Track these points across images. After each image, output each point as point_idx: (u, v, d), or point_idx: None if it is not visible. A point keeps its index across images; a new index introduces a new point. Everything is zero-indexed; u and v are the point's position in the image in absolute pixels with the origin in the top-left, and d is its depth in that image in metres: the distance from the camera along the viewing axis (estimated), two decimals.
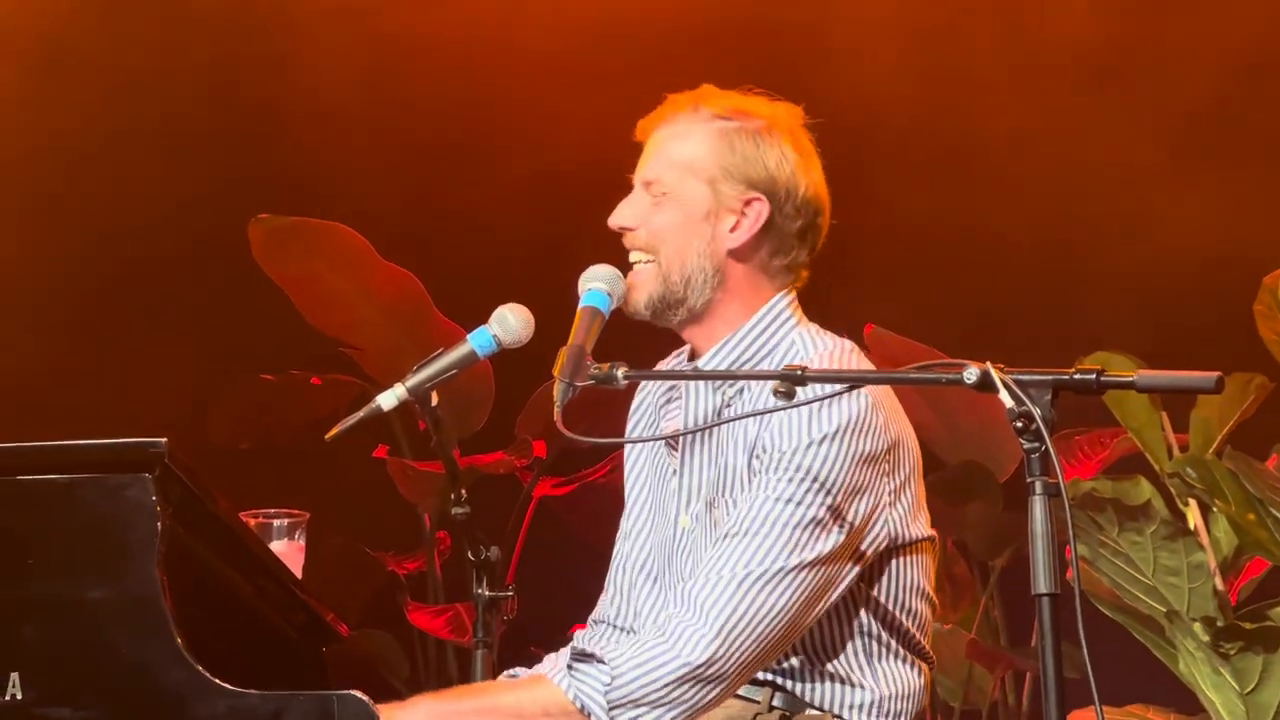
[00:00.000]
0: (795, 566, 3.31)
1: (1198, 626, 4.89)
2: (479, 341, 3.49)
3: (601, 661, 3.30)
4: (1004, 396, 2.95)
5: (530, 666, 3.55)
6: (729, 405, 3.50)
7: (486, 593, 3.56)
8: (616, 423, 3.77)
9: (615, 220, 3.52)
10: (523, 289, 3.65)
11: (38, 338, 6.62)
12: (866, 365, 3.51)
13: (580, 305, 3.45)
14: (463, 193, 6.62)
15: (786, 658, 3.44)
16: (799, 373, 3.11)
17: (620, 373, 3.28)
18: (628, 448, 3.73)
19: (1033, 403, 2.94)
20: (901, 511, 3.44)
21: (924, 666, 3.53)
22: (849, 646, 3.46)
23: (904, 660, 3.49)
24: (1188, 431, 5.06)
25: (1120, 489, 4.91)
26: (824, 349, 3.49)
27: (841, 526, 3.35)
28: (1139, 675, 5.20)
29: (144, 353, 6.61)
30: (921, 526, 3.49)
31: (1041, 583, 2.93)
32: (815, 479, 3.33)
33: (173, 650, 3.07)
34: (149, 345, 6.63)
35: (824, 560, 3.33)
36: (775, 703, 3.44)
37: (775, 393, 3.10)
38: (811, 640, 3.44)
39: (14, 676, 3.09)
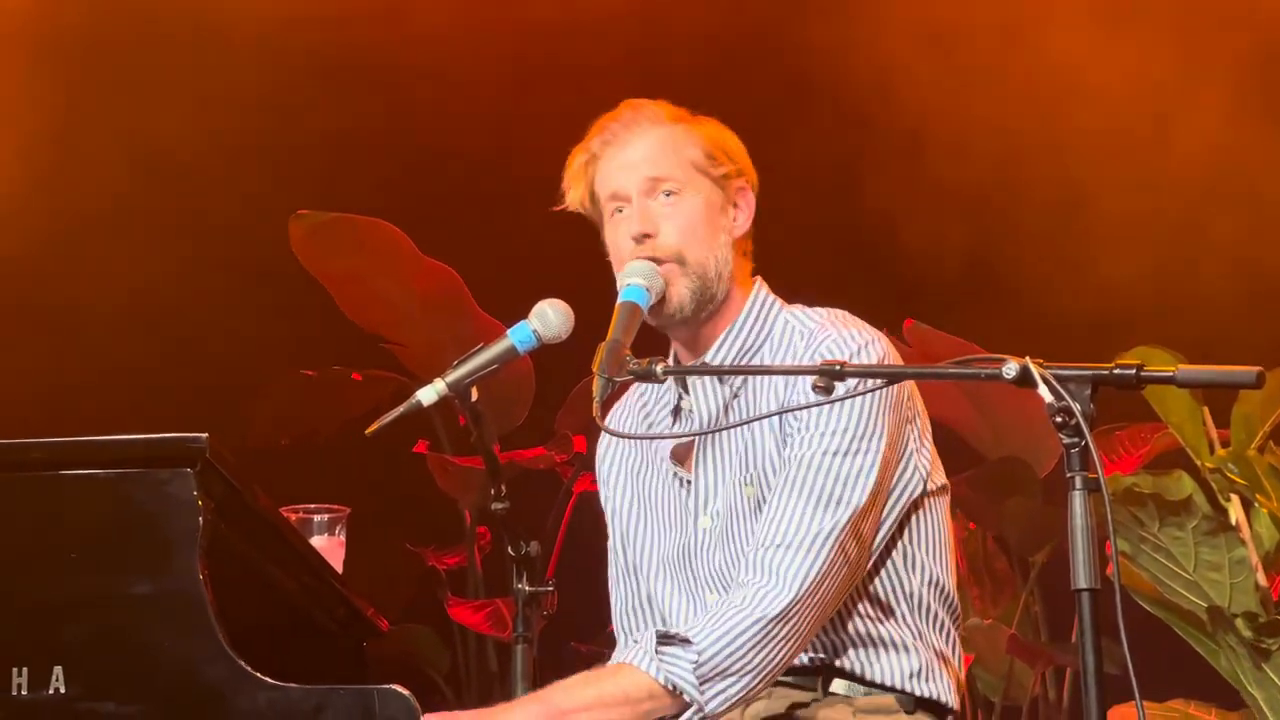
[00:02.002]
0: (850, 517, 3.39)
1: (1239, 622, 4.88)
2: (519, 337, 3.49)
3: (686, 641, 3.33)
4: (1043, 391, 2.95)
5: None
6: (738, 396, 3.53)
7: (526, 588, 3.56)
8: None
9: (641, 227, 3.51)
10: (562, 285, 3.65)
11: (81, 335, 6.64)
12: (860, 325, 3.54)
13: (619, 301, 3.46)
14: (504, 188, 6.63)
15: (838, 632, 3.48)
16: (838, 368, 3.12)
17: (660, 368, 3.29)
18: (603, 476, 3.76)
19: (1072, 398, 2.93)
20: (928, 456, 3.55)
21: (955, 632, 3.59)
22: (896, 606, 3.51)
23: (943, 621, 3.55)
24: (1229, 427, 5.05)
25: (1161, 484, 4.90)
26: (820, 318, 3.55)
27: (883, 471, 3.43)
28: (1180, 671, 5.18)
29: (184, 349, 6.63)
30: (941, 474, 3.59)
31: (1082, 578, 2.93)
32: (852, 431, 3.41)
33: (214, 644, 3.08)
34: (190, 341, 6.65)
35: (873, 505, 3.42)
36: (835, 688, 3.47)
37: (815, 388, 3.11)
38: (859, 606, 3.49)
39: (57, 670, 3.10)
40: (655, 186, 3.53)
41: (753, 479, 3.49)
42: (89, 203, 6.66)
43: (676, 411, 3.62)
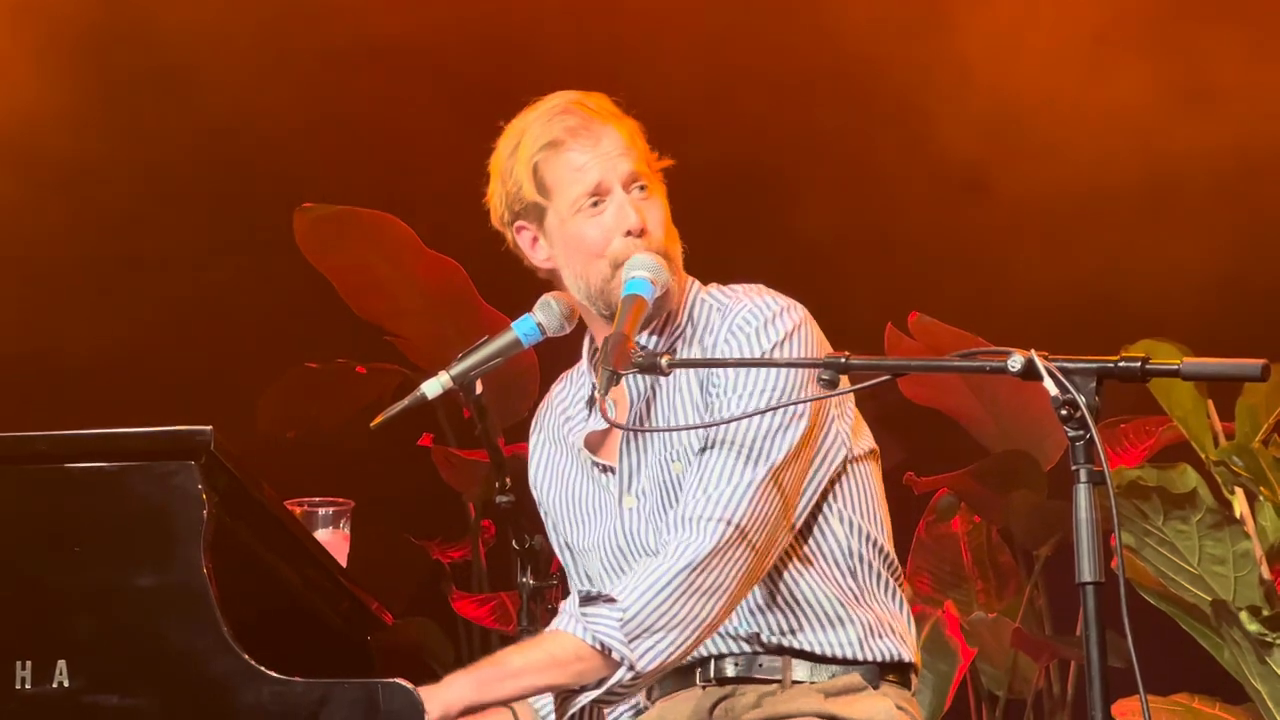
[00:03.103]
0: (769, 471, 3.39)
1: (1244, 615, 4.87)
2: (523, 329, 3.49)
3: (610, 599, 3.33)
4: (1048, 384, 2.95)
5: None
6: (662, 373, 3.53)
7: (531, 581, 3.56)
8: None
9: (639, 220, 3.50)
10: None
11: (84, 327, 6.65)
12: (774, 294, 3.54)
13: (623, 293, 3.46)
14: None
15: (791, 611, 3.48)
16: (843, 359, 3.12)
17: (664, 360, 3.30)
18: (534, 479, 3.76)
19: (1077, 390, 2.93)
20: (849, 423, 3.54)
21: (899, 590, 3.60)
22: (836, 566, 3.52)
23: (885, 579, 3.56)
24: (1234, 419, 5.04)
25: (1166, 477, 4.90)
26: (734, 292, 3.54)
27: (806, 432, 3.43)
28: (1184, 664, 5.18)
29: (189, 341, 6.64)
30: (867, 439, 3.58)
31: (1086, 571, 2.92)
32: (769, 393, 3.41)
33: (218, 637, 3.08)
34: (194, 333, 6.65)
35: (793, 460, 3.41)
36: (797, 674, 3.47)
37: (819, 381, 3.11)
38: (800, 570, 3.49)
39: (61, 664, 3.10)
40: (633, 180, 3.52)
41: (679, 454, 3.49)
42: (98, 194, 6.65)
43: (590, 403, 3.62)
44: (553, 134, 3.52)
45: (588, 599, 3.35)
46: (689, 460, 3.47)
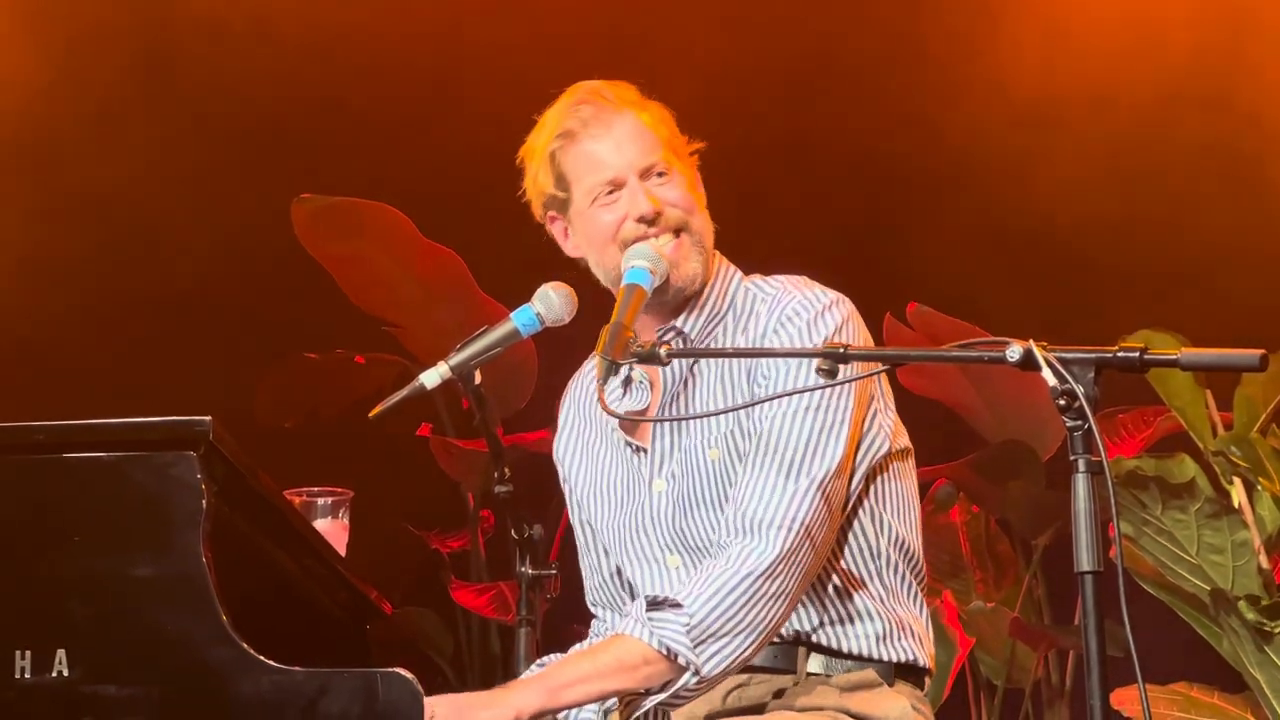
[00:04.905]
0: (826, 472, 3.41)
1: (1242, 605, 4.88)
2: (522, 320, 3.50)
3: (676, 604, 3.33)
4: (1047, 374, 2.95)
5: (570, 645, 3.57)
6: (697, 363, 3.55)
7: (530, 571, 3.57)
8: None
9: (652, 206, 3.51)
10: (565, 268, 3.65)
11: (83, 318, 6.64)
12: (821, 287, 3.56)
13: (623, 283, 3.46)
14: (506, 171, 6.62)
15: (813, 607, 3.49)
16: (841, 350, 3.12)
17: (663, 350, 3.30)
18: (559, 455, 3.77)
19: (1076, 380, 2.94)
20: (892, 416, 3.56)
21: (921, 593, 3.61)
22: (864, 566, 3.53)
23: (910, 582, 3.57)
24: (1232, 409, 5.05)
25: (1164, 467, 4.90)
26: (780, 282, 3.57)
27: (854, 427, 3.45)
28: (1183, 654, 5.19)
29: (188, 332, 6.63)
30: (904, 437, 3.60)
31: (1084, 561, 2.93)
32: (821, 388, 3.41)
33: (217, 627, 3.09)
34: (193, 324, 6.65)
35: (847, 459, 3.44)
36: (812, 666, 3.48)
37: (819, 370, 3.12)
38: (829, 567, 3.50)
39: (60, 653, 3.11)
40: (650, 169, 3.54)
41: (715, 440, 3.50)
42: (95, 185, 6.65)
43: (627, 383, 3.62)
44: (567, 125, 3.56)
45: (654, 603, 3.35)
46: (727, 448, 3.48)
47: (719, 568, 3.36)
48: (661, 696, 3.34)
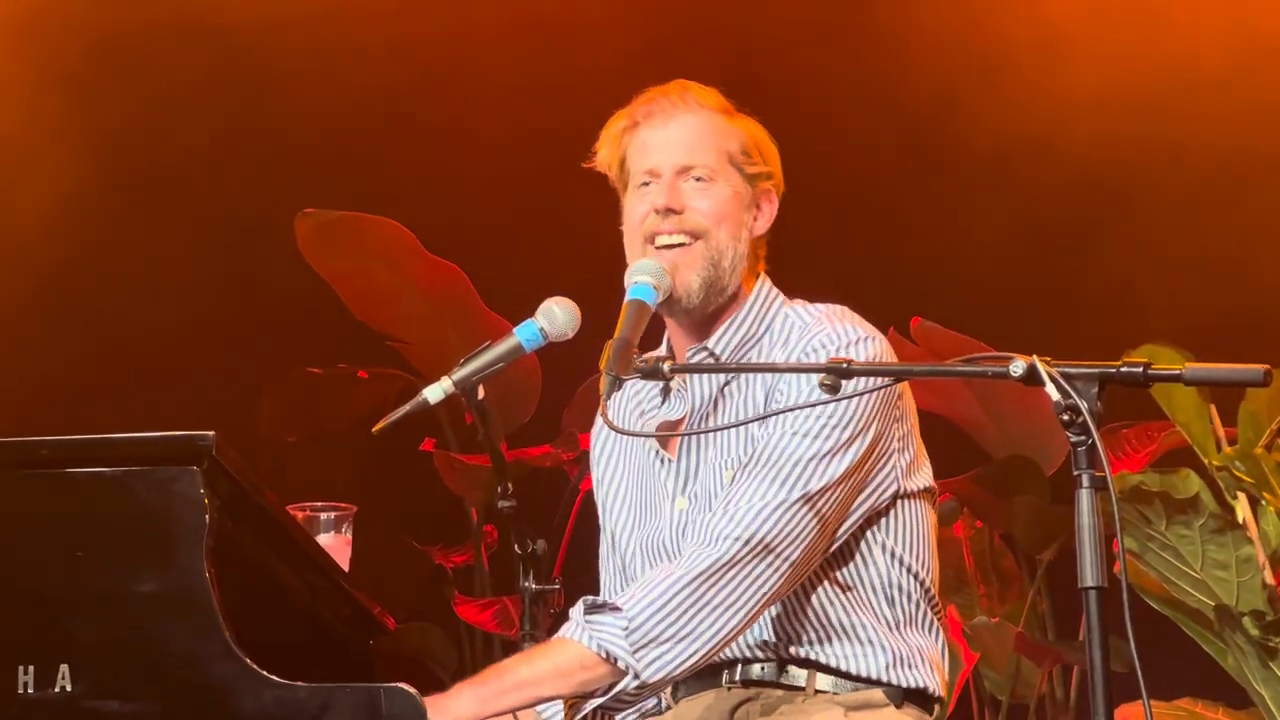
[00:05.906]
0: (802, 496, 3.38)
1: (1247, 620, 4.87)
2: (525, 335, 3.49)
3: (615, 608, 3.33)
4: (1050, 389, 2.95)
5: None
6: (730, 382, 3.55)
7: (533, 586, 3.56)
8: None
9: (667, 201, 3.52)
10: (569, 283, 3.65)
11: (86, 333, 6.65)
12: (857, 320, 3.54)
13: (626, 299, 3.46)
14: (511, 186, 6.63)
15: (824, 630, 3.48)
16: (845, 365, 3.12)
17: (666, 366, 3.30)
18: (595, 455, 3.79)
19: (1079, 396, 2.93)
20: (908, 458, 3.52)
21: (937, 623, 3.60)
22: (874, 596, 3.51)
23: (925, 611, 3.56)
24: (1236, 425, 5.04)
25: (1168, 482, 4.89)
26: (818, 313, 3.55)
27: (855, 464, 3.42)
28: (1187, 669, 5.18)
29: (191, 346, 6.64)
30: (925, 477, 3.57)
31: (1089, 576, 2.92)
32: (825, 418, 3.41)
33: (220, 642, 3.08)
34: (196, 339, 6.65)
35: (835, 487, 3.40)
36: (821, 685, 3.47)
37: (821, 385, 3.11)
38: (837, 595, 3.48)
39: (64, 668, 3.10)
40: (689, 170, 3.55)
41: (731, 463, 3.50)
42: (99, 199, 6.66)
43: (666, 392, 3.63)
44: (635, 115, 3.59)
45: (594, 607, 3.35)
46: (738, 470, 3.47)
47: (663, 572, 3.36)
48: (603, 700, 3.34)
